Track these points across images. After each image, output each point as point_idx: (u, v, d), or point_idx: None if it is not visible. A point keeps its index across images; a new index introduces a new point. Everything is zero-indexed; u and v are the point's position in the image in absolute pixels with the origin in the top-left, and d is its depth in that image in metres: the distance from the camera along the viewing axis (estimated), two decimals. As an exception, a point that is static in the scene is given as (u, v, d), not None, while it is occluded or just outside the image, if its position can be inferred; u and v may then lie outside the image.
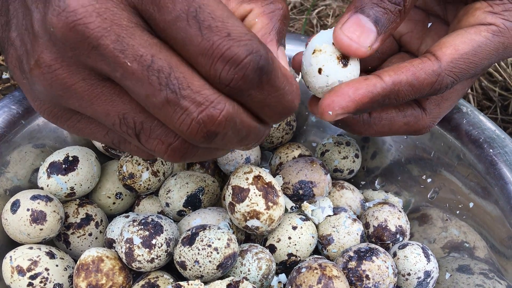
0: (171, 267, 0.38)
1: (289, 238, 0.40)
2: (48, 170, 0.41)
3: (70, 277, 0.39)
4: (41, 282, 0.37)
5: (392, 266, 0.38)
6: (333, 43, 0.32)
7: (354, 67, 0.32)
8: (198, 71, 0.25)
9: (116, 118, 0.26)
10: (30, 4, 0.25)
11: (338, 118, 0.32)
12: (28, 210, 0.38)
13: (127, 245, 0.36)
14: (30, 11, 0.25)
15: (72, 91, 0.26)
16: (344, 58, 0.32)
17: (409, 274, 0.39)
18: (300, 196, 0.42)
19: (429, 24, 0.39)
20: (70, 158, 0.41)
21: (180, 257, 0.36)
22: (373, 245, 0.39)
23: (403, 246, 0.41)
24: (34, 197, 0.38)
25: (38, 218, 0.38)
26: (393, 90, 0.32)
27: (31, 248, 0.38)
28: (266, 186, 0.37)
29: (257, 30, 0.29)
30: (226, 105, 0.25)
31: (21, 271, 0.37)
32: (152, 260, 0.36)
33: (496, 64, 0.65)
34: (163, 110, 0.25)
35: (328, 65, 0.32)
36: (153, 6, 0.24)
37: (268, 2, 0.31)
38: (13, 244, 0.39)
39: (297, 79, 0.33)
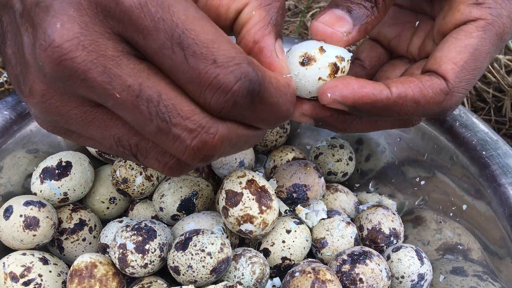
0: (165, 272, 0.38)
1: (283, 241, 0.40)
2: (41, 175, 0.41)
3: (64, 283, 0.38)
4: (34, 288, 0.37)
5: (386, 269, 0.38)
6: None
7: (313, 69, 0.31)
8: (189, 96, 0.25)
9: (112, 141, 0.27)
10: (20, 25, 0.25)
11: (333, 105, 0.31)
12: (21, 216, 0.38)
13: (120, 250, 0.36)
14: (20, 33, 0.25)
15: (67, 118, 0.26)
16: (306, 57, 0.31)
17: (402, 277, 0.39)
18: (294, 199, 0.42)
19: (417, 23, 0.39)
20: (63, 163, 0.41)
21: (173, 262, 0.36)
22: (366, 248, 0.39)
23: (397, 249, 0.41)
24: (27, 203, 0.38)
25: (31, 224, 0.38)
26: (396, 103, 0.31)
27: (24, 254, 0.38)
28: (259, 190, 0.37)
29: (254, 23, 0.29)
30: (219, 128, 0.25)
31: (14, 277, 0.37)
32: (145, 266, 0.36)
33: (489, 66, 0.65)
34: (156, 137, 0.25)
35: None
36: (137, 34, 0.23)
37: None
38: (6, 250, 0.39)
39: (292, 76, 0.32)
